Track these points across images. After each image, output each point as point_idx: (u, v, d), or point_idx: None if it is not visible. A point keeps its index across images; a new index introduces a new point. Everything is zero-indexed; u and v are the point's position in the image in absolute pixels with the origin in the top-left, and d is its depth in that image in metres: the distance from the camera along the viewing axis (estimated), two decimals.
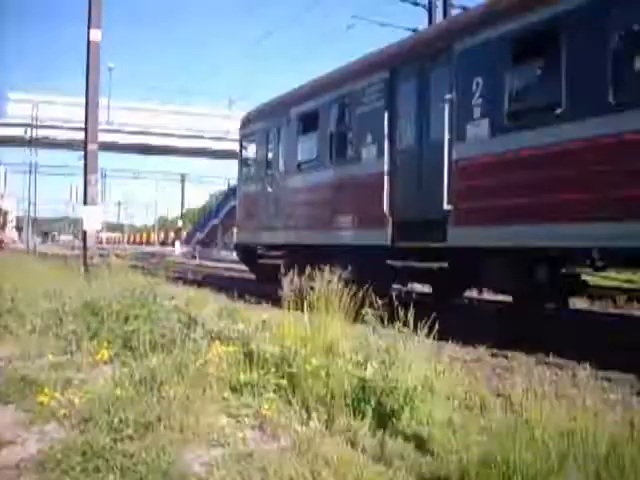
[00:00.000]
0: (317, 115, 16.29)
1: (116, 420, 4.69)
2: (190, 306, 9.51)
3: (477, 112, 11.06)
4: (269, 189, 18.71)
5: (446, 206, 11.29)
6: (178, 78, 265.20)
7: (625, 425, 3.84)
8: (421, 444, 4.67)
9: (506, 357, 8.87)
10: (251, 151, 21.05)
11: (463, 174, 11.28)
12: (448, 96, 11.40)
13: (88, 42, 17.13)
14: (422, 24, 25.65)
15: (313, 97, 16.82)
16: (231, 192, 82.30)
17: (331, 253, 14.33)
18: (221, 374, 5.81)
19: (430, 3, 24.96)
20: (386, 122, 13.46)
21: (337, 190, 15.35)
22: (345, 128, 15.23)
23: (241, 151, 21.82)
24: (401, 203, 13.09)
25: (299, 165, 17.27)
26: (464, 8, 22.30)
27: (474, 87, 11.06)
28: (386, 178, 13.37)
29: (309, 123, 16.77)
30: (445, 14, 23.96)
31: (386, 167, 13.40)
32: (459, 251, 11.51)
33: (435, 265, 12.44)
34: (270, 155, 19.21)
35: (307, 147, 17.06)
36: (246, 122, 21.62)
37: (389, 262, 13.49)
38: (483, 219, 10.87)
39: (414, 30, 25.05)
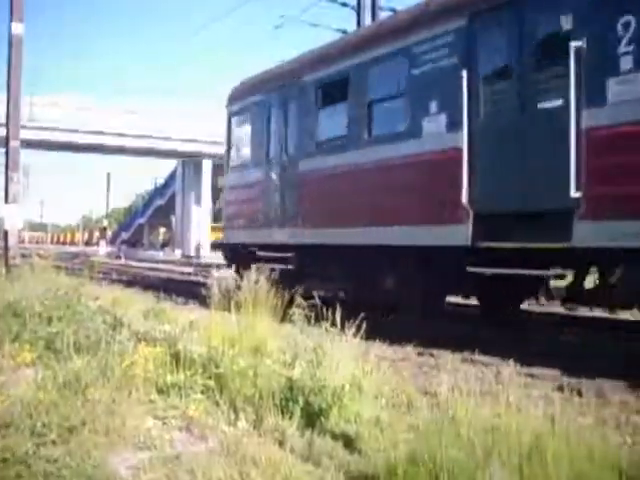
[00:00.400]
0: (347, 81, 12.84)
1: (39, 424, 4.58)
2: (116, 307, 9.40)
3: (626, 63, 8.19)
4: (273, 176, 15.04)
5: (574, 193, 8.46)
6: (115, 76, 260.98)
7: (547, 420, 3.93)
8: (349, 443, 4.70)
9: (432, 355, 8.99)
10: (244, 131, 17.12)
11: (602, 148, 8.41)
12: (575, 44, 8.60)
13: (10, 36, 16.70)
14: (350, 26, 25.86)
15: (341, 59, 13.34)
16: (158, 191, 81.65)
17: (365, 256, 12.32)
18: (147, 376, 5.74)
19: (359, 4, 25.10)
20: (464, 84, 10.11)
21: (379, 174, 11.89)
22: (393, 95, 12.02)
23: (229, 132, 17.76)
24: (488, 190, 9.82)
25: (319, 145, 13.79)
26: (393, 10, 22.57)
27: (620, 29, 8.25)
28: (465, 156, 10.02)
29: (334, 92, 13.34)
30: (374, 16, 24.15)
31: (465, 142, 10.01)
32: (590, 254, 8.82)
33: (551, 272, 9.28)
34: (274, 135, 15.36)
35: (331, 122, 13.79)
36: (236, 96, 17.48)
37: (471, 269, 9.79)
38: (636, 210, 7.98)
39: (344, 31, 25.22)
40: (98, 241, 79.99)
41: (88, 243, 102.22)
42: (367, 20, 24.26)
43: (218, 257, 48.05)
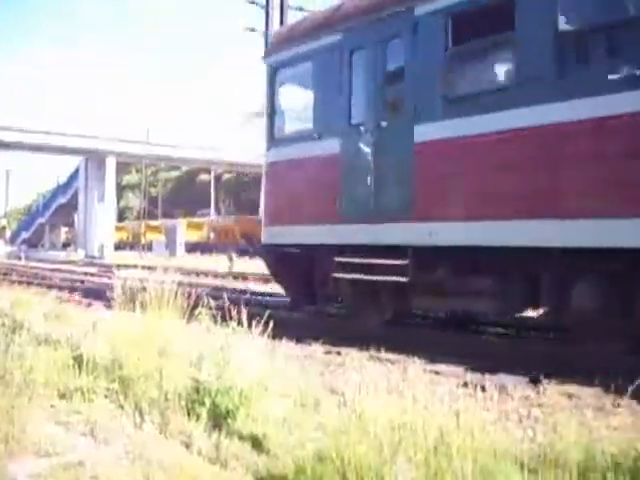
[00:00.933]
0: (512, 4, 8.71)
1: None
2: (15, 309, 9.11)
3: None
4: (362, 149, 10.61)
5: None
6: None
7: (452, 415, 4.00)
8: (257, 443, 4.68)
9: (339, 354, 9.03)
10: (300, 88, 13.02)
11: None
12: None
13: None
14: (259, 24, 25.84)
15: None
16: (60, 189, 79.62)
17: (543, 260, 8.59)
18: (49, 380, 5.58)
19: (267, 3, 25.08)
20: None
21: (588, 139, 7.93)
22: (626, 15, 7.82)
23: (272, 92, 12.88)
24: None
25: (452, 102, 9.56)
26: (301, 9, 22.83)
27: None
28: None
29: (482, 22, 9.14)
30: (282, 14, 24.23)
31: None
32: None
33: None
34: (361, 91, 10.99)
35: (477, 67, 9.89)
36: (286, 41, 12.85)
37: None
38: None
39: (252, 30, 25.30)
40: None
41: None
42: (275, 19, 24.30)
43: (122, 257, 47.01)
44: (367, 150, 10.53)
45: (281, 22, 24.11)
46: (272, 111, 12.83)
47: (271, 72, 12.81)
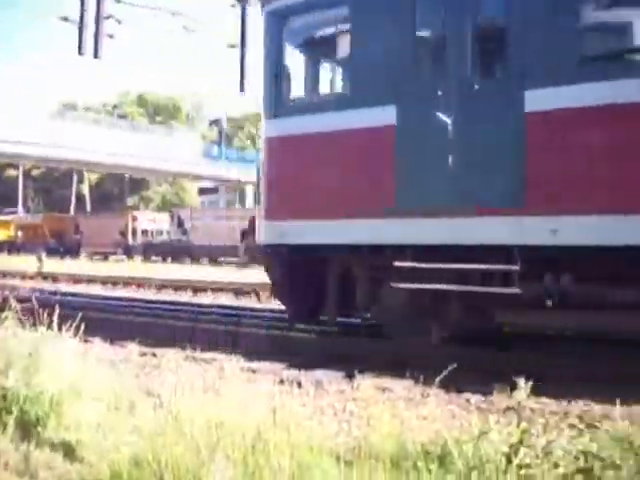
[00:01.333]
0: None
1: None
2: None
3: None
4: (441, 119, 7.99)
5: None
6: None
7: (270, 412, 4.04)
8: (70, 451, 4.53)
9: (155, 355, 8.89)
10: (324, 44, 9.93)
11: None
12: None
13: None
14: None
15: None
16: None
17: None
18: None
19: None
20: None
21: None
22: None
23: (279, 45, 9.72)
24: None
25: (593, 61, 7.26)
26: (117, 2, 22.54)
27: None
28: None
29: None
30: (99, 4, 23.58)
31: None
32: None
33: None
34: (430, 46, 8.70)
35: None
36: None
37: None
38: None
39: (65, 19, 24.48)
40: None
41: None
42: (91, 9, 23.59)
43: None
44: (446, 120, 8.02)
45: (97, 12, 23.49)
46: (277, 71, 9.63)
47: (276, 21, 9.72)
